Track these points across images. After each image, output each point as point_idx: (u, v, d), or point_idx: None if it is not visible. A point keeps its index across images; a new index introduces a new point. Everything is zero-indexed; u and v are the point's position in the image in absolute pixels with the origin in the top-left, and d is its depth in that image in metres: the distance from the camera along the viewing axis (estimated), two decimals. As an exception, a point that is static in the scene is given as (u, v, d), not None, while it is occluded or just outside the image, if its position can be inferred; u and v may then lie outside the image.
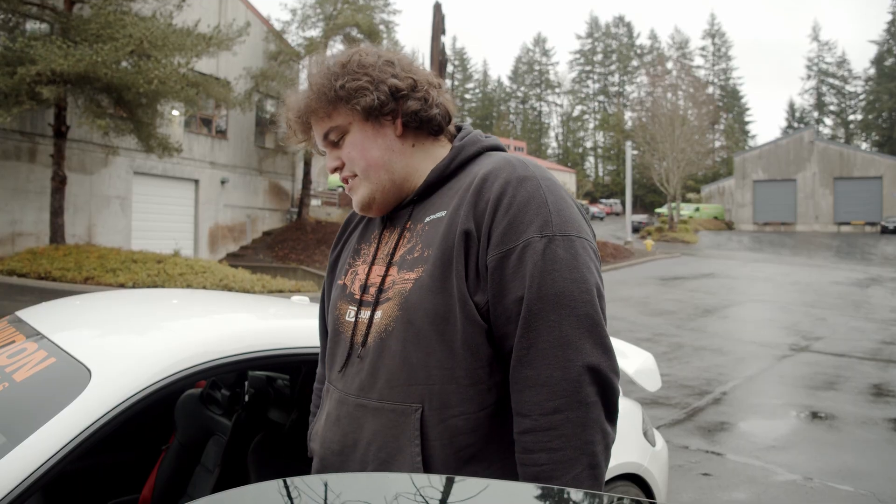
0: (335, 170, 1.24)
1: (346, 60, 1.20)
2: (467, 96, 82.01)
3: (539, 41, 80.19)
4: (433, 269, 1.09)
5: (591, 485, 1.02)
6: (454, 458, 1.07)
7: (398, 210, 1.25)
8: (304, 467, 2.27)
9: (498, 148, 1.27)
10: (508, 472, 1.09)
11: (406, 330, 1.10)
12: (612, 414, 1.06)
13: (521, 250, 1.05)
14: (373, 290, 1.18)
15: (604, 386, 1.04)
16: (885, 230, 36.00)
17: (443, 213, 1.15)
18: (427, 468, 1.06)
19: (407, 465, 1.07)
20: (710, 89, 58.57)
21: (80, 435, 1.29)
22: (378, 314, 1.15)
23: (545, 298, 1.03)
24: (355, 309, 1.20)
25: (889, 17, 66.20)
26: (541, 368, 1.03)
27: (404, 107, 1.19)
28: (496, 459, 1.09)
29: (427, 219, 1.18)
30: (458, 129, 1.30)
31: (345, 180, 1.24)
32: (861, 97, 64.33)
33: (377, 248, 1.24)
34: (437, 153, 1.24)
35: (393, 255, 1.19)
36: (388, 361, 1.11)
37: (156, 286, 12.65)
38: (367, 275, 1.22)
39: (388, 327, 1.12)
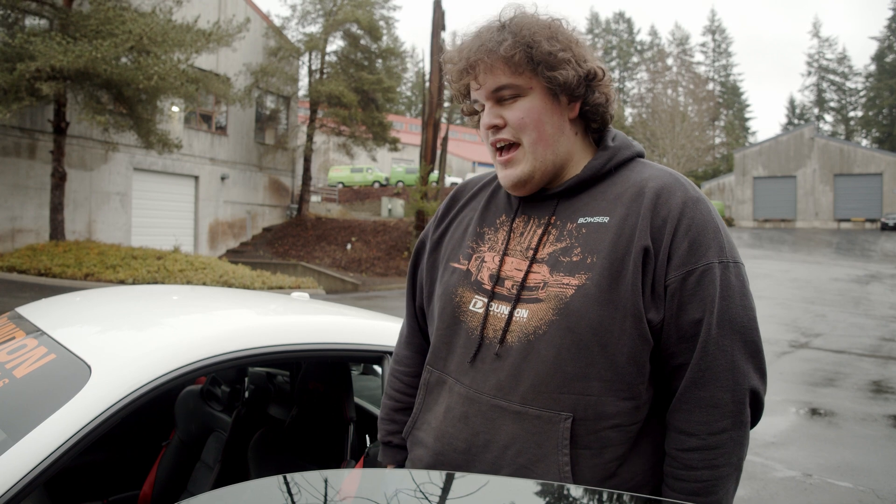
0: (492, 127, 1.16)
1: (554, 25, 1.14)
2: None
3: (539, 37, 79.93)
4: (600, 279, 1.07)
5: (733, 495, 1.11)
6: (601, 469, 1.08)
7: (537, 199, 1.20)
8: (303, 463, 2.28)
9: (643, 155, 1.24)
10: (647, 485, 1.12)
11: (564, 337, 1.07)
12: (752, 428, 1.14)
13: (701, 273, 1.07)
14: (509, 284, 1.15)
15: (757, 407, 1.12)
16: (885, 227, 35.93)
17: (604, 219, 1.12)
18: (574, 477, 1.07)
19: (552, 473, 1.07)
20: (711, 85, 58.44)
21: (80, 431, 1.29)
22: (522, 313, 1.12)
23: (722, 324, 1.07)
24: (485, 300, 1.17)
25: (890, 14, 66.03)
26: (714, 390, 1.07)
27: (591, 96, 1.16)
28: (638, 472, 1.12)
29: (581, 220, 1.14)
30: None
31: (495, 143, 1.17)
32: (861, 94, 64.15)
33: (508, 237, 1.20)
34: (587, 149, 1.21)
35: (537, 250, 1.15)
36: (537, 366, 1.08)
37: (156, 282, 12.65)
38: (500, 265, 1.18)
39: (538, 330, 1.09)
